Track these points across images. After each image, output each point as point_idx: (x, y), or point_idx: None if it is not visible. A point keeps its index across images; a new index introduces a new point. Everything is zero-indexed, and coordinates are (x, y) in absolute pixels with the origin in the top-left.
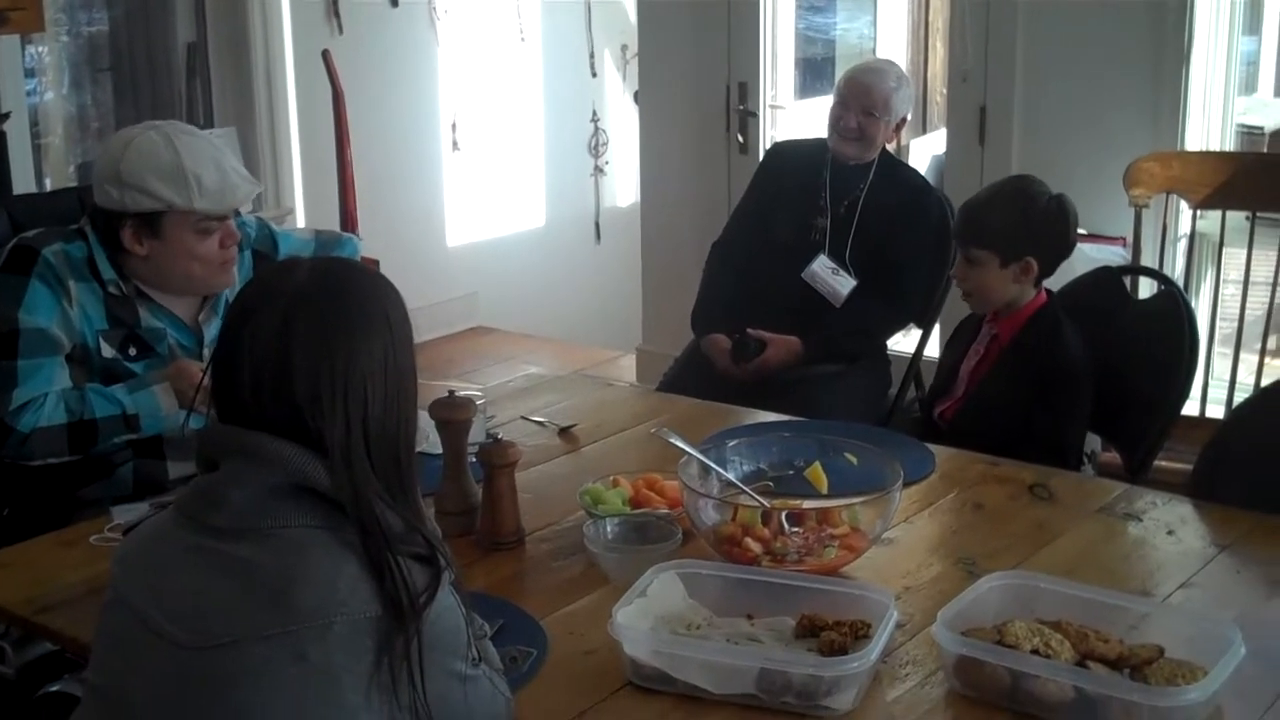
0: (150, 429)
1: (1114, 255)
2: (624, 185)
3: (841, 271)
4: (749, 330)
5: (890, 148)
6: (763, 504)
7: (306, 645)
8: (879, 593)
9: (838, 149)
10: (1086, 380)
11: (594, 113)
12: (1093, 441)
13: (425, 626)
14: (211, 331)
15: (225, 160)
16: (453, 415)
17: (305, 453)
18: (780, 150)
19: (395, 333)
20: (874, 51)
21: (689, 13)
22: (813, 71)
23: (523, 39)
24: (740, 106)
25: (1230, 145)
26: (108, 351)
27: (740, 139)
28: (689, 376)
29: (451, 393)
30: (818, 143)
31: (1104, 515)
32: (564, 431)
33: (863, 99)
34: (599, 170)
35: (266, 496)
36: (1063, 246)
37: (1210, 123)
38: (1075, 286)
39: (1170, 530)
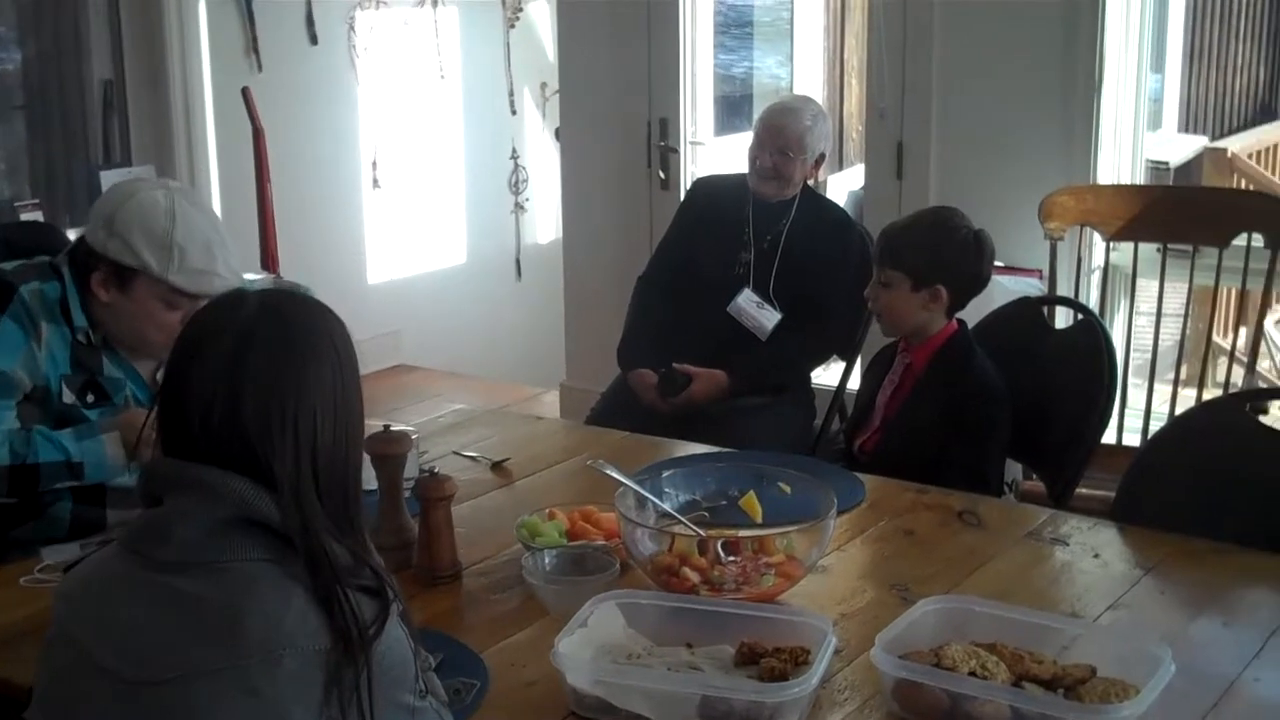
0: (94, 477)
1: (1030, 287)
2: (544, 222)
3: (766, 305)
4: (675, 365)
5: (812, 183)
6: (699, 533)
7: (255, 679)
8: (817, 619)
9: (757, 188)
10: (1001, 407)
11: (514, 150)
12: (1014, 470)
13: (375, 658)
14: None
15: (218, 246)
16: (388, 450)
17: (253, 486)
18: (703, 185)
19: (343, 362)
20: (790, 89)
21: (609, 50)
22: (730, 108)
23: (442, 76)
24: (661, 143)
25: (1140, 179)
26: (68, 397)
27: (662, 175)
28: (615, 411)
29: (387, 427)
30: (740, 178)
31: (1031, 540)
32: (497, 466)
33: (777, 139)
34: (519, 207)
35: (213, 530)
36: (975, 280)
37: (1121, 157)
38: (995, 317)
39: (1096, 554)
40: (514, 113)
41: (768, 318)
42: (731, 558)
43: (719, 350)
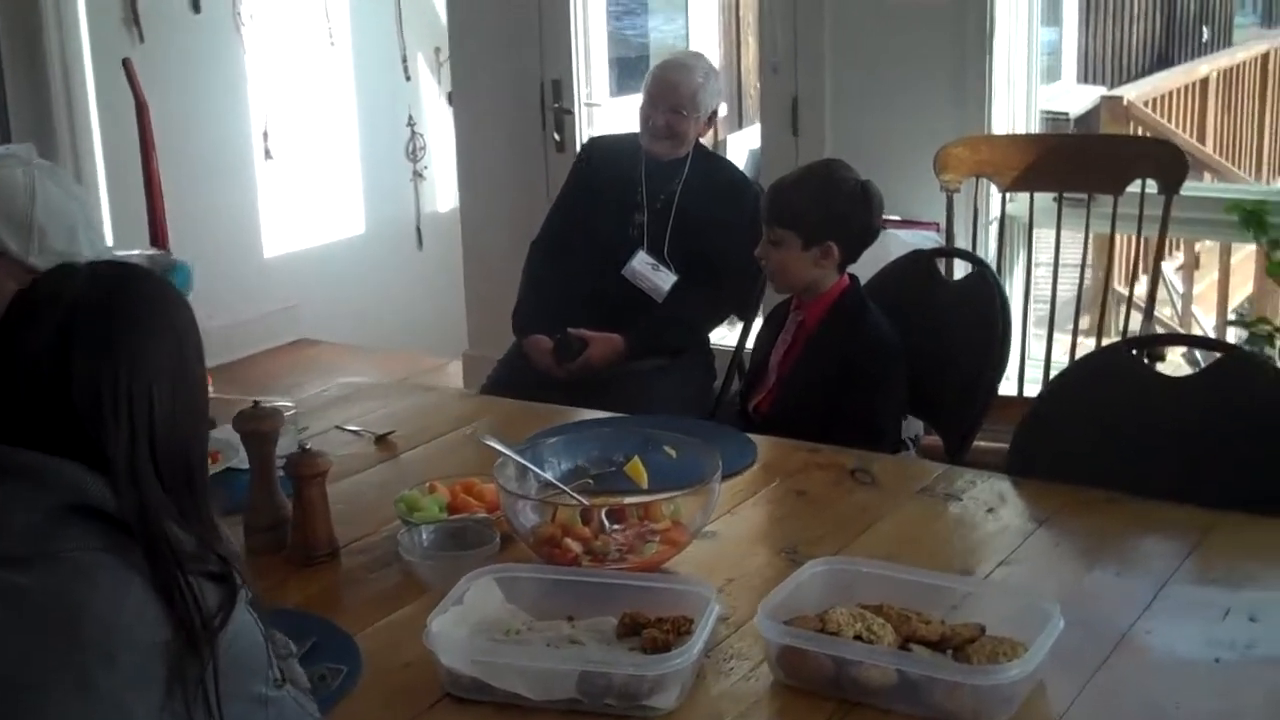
0: None
1: (927, 240)
2: (444, 190)
3: (662, 267)
4: (570, 330)
5: (706, 141)
6: (581, 502)
7: (93, 676)
8: (700, 586)
9: (649, 147)
10: (894, 362)
11: (410, 117)
12: (915, 426)
13: (221, 649)
14: None
15: (82, 227)
16: (258, 426)
17: (86, 470)
18: (595, 146)
19: (183, 340)
20: (686, 46)
21: (499, 12)
22: (627, 70)
23: (332, 43)
24: (555, 104)
25: (1035, 130)
26: None
27: (557, 137)
28: (512, 378)
29: (256, 404)
30: (632, 138)
31: (925, 496)
32: (380, 439)
33: (669, 97)
34: (418, 175)
35: (47, 519)
36: (865, 232)
37: (1015, 108)
38: (888, 271)
39: (990, 508)
40: (408, 79)
41: (663, 279)
42: (616, 526)
43: (615, 313)
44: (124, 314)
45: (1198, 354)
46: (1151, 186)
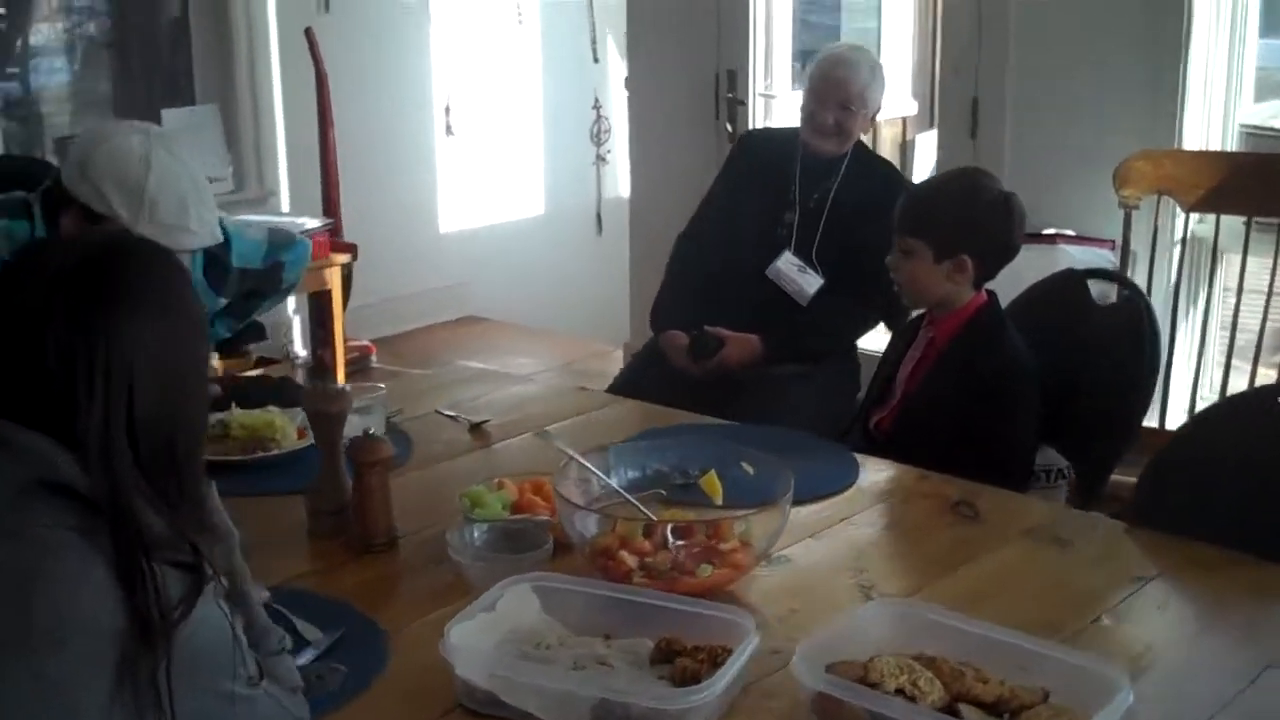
0: None
1: (1100, 258)
2: (627, 175)
3: (808, 269)
4: (706, 327)
5: (866, 138)
6: (647, 516)
7: (41, 659)
8: (741, 616)
9: (813, 143)
10: (1028, 386)
11: (596, 99)
12: (1059, 459)
13: (180, 641)
14: None
15: (193, 200)
16: (325, 408)
17: (58, 446)
18: (751, 140)
19: (174, 321)
20: (878, 44)
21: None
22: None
23: (520, 21)
24: (729, 95)
25: (1233, 147)
26: None
27: (729, 128)
28: (645, 375)
29: (322, 385)
30: (790, 132)
31: (1028, 539)
32: (475, 428)
33: (838, 93)
34: (601, 159)
35: (17, 494)
36: (1004, 248)
37: (1210, 122)
38: (1036, 290)
39: (1097, 558)
40: (596, 60)
41: (809, 282)
42: (680, 542)
43: (756, 315)
44: (110, 289)
45: None
46: None
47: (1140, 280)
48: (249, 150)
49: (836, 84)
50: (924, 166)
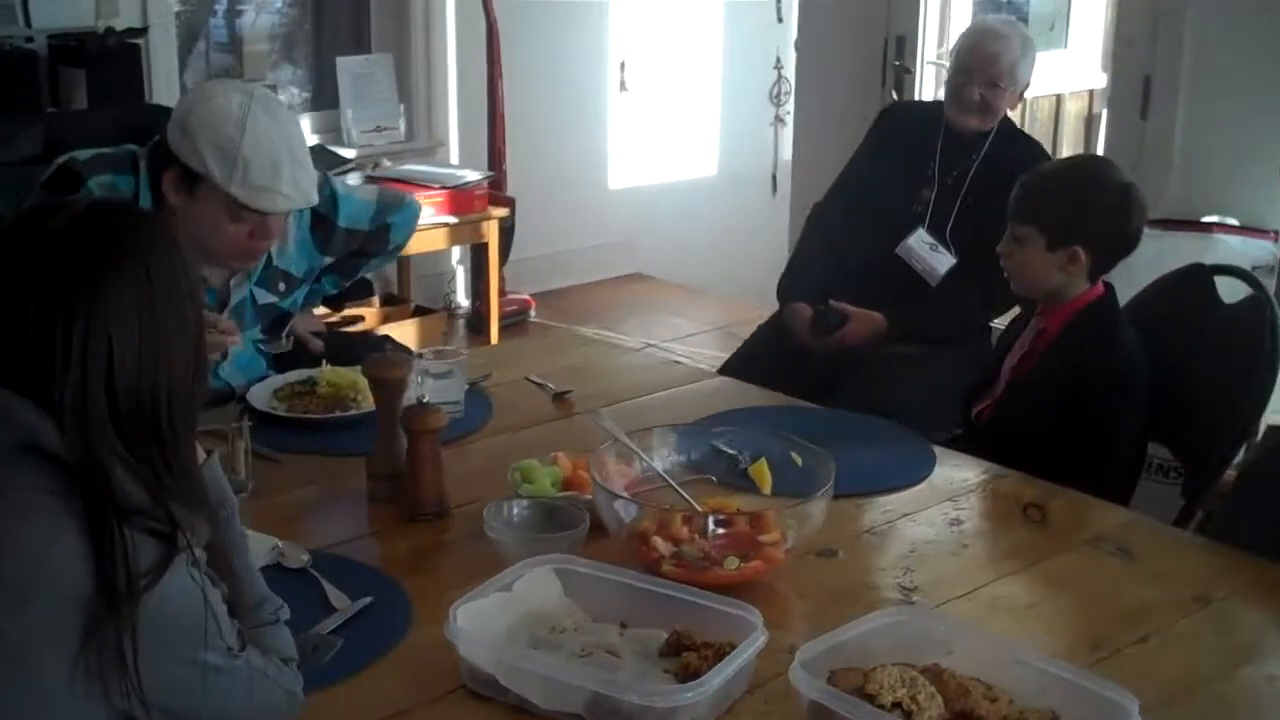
0: None
1: (1261, 250)
2: None
3: (941, 248)
4: (831, 302)
5: (1013, 114)
6: (692, 507)
7: (7, 619)
8: (750, 612)
9: (957, 119)
10: (1136, 385)
11: (778, 59)
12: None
13: (149, 609)
14: (239, 294)
15: (286, 164)
16: (384, 374)
17: (38, 410)
18: (895, 112)
19: (156, 290)
20: (1068, 14)
21: None
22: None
23: None
24: (896, 62)
25: None
26: None
27: (895, 95)
28: (766, 348)
29: (386, 348)
30: (935, 106)
31: (1091, 547)
32: (559, 397)
33: (988, 69)
34: (779, 120)
35: (5, 456)
36: (1121, 241)
37: None
38: (1162, 284)
39: (1161, 572)
40: (780, 20)
41: (940, 261)
42: (721, 531)
43: (884, 292)
44: (93, 256)
45: None
46: None
47: None
48: (420, 100)
49: (986, 58)
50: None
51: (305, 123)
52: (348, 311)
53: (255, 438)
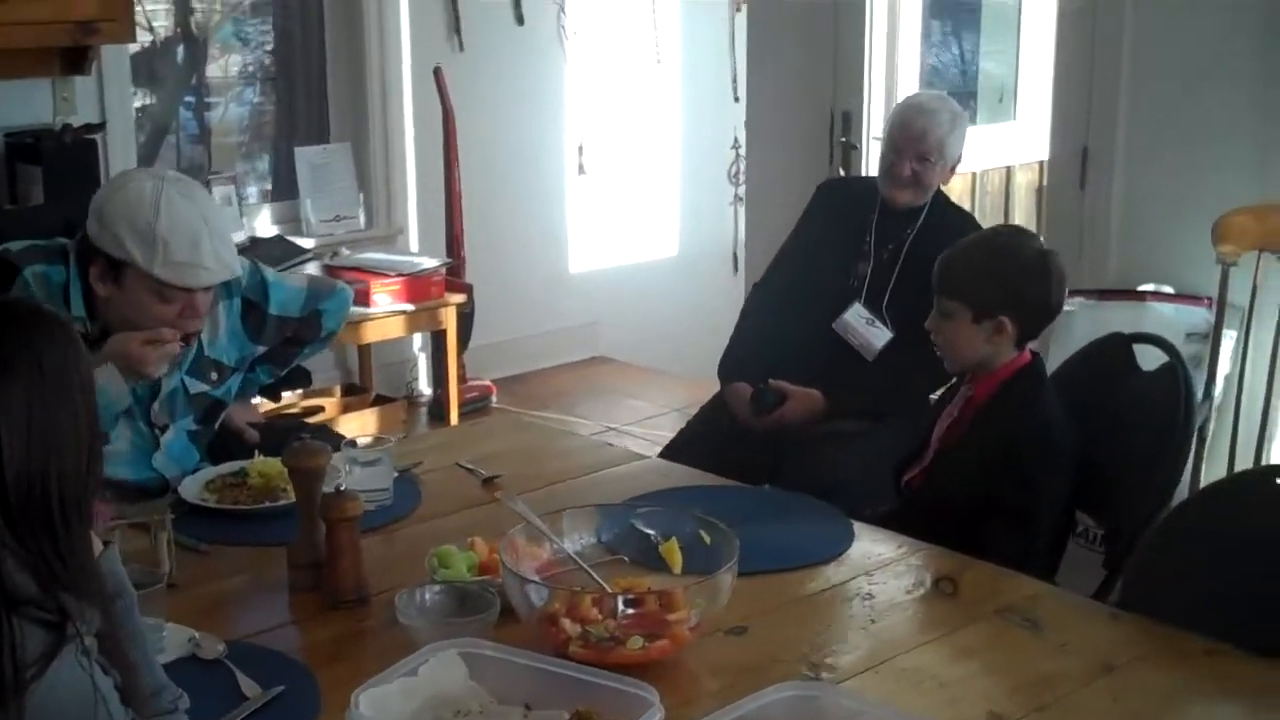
0: (107, 414)
1: (1194, 317)
2: None
3: (877, 323)
4: (770, 381)
5: (944, 188)
6: (602, 588)
7: None
8: (647, 691)
9: (890, 194)
10: (1061, 452)
11: (735, 139)
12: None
13: (35, 700)
14: (169, 383)
15: (205, 238)
16: (302, 463)
17: None
18: (829, 189)
19: (47, 381)
20: (1015, 89)
21: (797, 39)
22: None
23: (659, 61)
24: (843, 138)
25: None
26: None
27: (842, 173)
28: (709, 428)
29: (303, 437)
30: (869, 181)
31: (999, 618)
32: (488, 482)
33: (918, 145)
34: (739, 199)
35: None
36: (1043, 308)
37: None
38: (1087, 352)
39: (1068, 643)
40: (736, 99)
41: (877, 336)
42: (630, 611)
43: (821, 368)
44: None
45: None
46: None
47: (1234, 339)
48: (379, 188)
49: (915, 134)
50: None
51: (265, 214)
52: (307, 402)
53: (186, 529)
